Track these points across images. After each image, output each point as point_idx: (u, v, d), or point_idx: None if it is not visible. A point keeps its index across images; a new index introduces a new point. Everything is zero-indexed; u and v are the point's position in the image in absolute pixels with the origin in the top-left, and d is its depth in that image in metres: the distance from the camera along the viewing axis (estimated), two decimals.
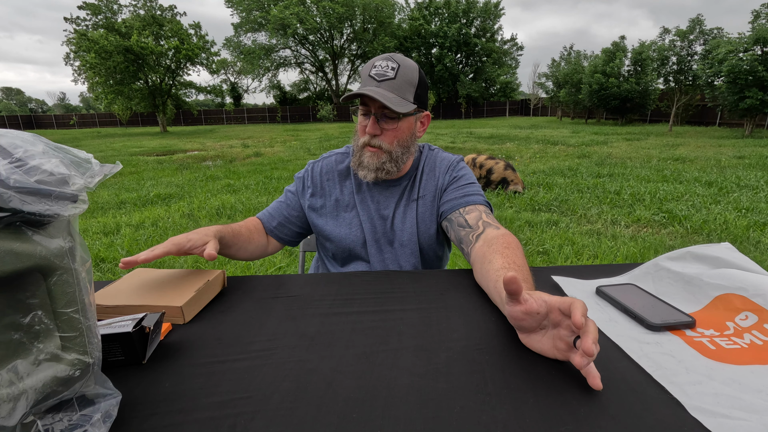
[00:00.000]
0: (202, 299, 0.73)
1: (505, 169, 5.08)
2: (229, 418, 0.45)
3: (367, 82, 0.93)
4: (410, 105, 0.93)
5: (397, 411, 0.46)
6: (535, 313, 0.53)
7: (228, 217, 4.30)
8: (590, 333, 0.47)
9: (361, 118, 0.98)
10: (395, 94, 0.91)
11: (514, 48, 38.95)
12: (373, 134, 0.95)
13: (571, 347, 0.51)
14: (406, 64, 0.94)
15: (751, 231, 3.44)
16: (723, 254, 0.72)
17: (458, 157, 1.10)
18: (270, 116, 38.28)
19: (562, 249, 3.13)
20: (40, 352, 0.37)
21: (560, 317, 0.52)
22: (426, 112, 1.01)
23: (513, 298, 0.55)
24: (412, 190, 1.05)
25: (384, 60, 0.94)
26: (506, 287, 0.53)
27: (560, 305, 0.51)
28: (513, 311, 0.55)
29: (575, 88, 22.14)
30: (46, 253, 0.36)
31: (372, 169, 0.97)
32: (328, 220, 1.05)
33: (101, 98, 24.38)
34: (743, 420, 0.42)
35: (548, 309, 0.53)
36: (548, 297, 0.54)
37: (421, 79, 0.95)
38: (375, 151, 0.96)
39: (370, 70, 0.94)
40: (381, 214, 1.04)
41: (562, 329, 0.52)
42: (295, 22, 30.37)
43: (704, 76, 13.44)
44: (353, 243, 1.04)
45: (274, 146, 12.25)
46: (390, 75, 0.92)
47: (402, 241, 1.03)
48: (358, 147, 0.99)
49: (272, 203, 1.13)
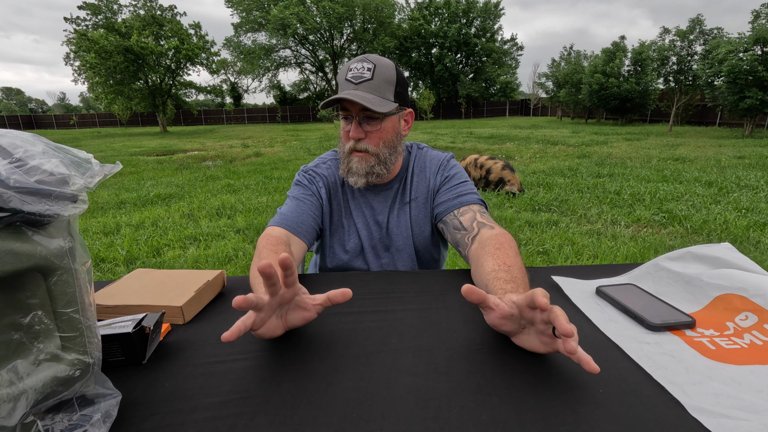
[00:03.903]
0: (202, 299, 0.73)
1: (502, 169, 5.08)
2: (229, 418, 0.45)
3: (345, 86, 0.91)
4: (391, 104, 0.92)
5: (397, 411, 0.46)
6: (509, 316, 0.55)
7: (228, 217, 4.30)
8: (559, 315, 0.47)
9: (343, 123, 0.96)
10: (375, 95, 0.89)
11: (514, 48, 38.96)
12: (357, 138, 0.93)
13: (554, 337, 0.51)
14: (382, 63, 0.92)
15: (751, 231, 3.44)
16: (723, 254, 0.72)
17: (448, 154, 1.08)
18: (270, 116, 38.29)
19: (562, 249, 3.13)
20: (40, 352, 0.37)
21: (531, 313, 0.52)
22: (408, 109, 1.00)
23: (482, 306, 0.56)
24: (404, 192, 1.04)
25: (359, 62, 0.91)
26: (467, 299, 0.54)
27: (525, 301, 0.52)
28: (490, 319, 0.57)
29: (575, 88, 22.12)
30: (46, 253, 0.36)
31: (362, 174, 0.95)
32: (328, 228, 1.05)
33: (101, 98, 24.39)
34: (743, 420, 0.42)
35: (519, 308, 0.53)
36: (515, 297, 0.55)
37: (399, 76, 0.93)
38: (362, 156, 0.94)
39: (346, 73, 0.91)
40: (376, 220, 1.04)
41: (538, 324, 0.52)
42: (295, 22, 30.36)
43: (704, 76, 13.43)
44: (352, 251, 1.03)
45: (274, 146, 12.25)
46: (367, 76, 0.90)
47: (398, 246, 1.03)
48: (345, 153, 0.97)
49: (289, 216, 0.95)
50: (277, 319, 0.57)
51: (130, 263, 3.09)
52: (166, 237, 3.65)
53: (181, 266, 3.01)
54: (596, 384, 0.49)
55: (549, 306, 0.48)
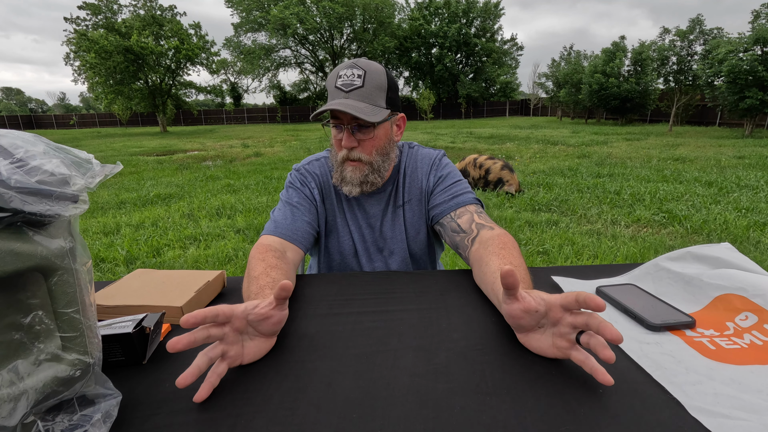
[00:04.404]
0: (202, 299, 0.73)
1: (501, 169, 5.09)
2: (229, 418, 0.45)
3: (335, 94, 0.88)
4: (383, 111, 0.89)
5: (397, 411, 0.46)
6: (533, 311, 0.53)
7: (228, 217, 4.30)
8: (605, 320, 0.47)
9: (335, 132, 0.93)
10: (366, 103, 0.87)
11: (514, 48, 38.97)
12: (350, 147, 0.90)
13: (573, 344, 0.51)
14: (373, 69, 0.88)
15: (751, 231, 3.44)
16: (723, 254, 0.72)
17: (439, 152, 1.06)
18: (270, 116, 38.27)
19: (562, 249, 3.13)
20: (40, 352, 0.37)
21: (561, 314, 0.51)
22: (401, 114, 0.97)
23: (510, 293, 0.54)
24: (396, 195, 1.03)
25: (348, 68, 0.88)
26: (503, 280, 0.52)
27: (562, 302, 0.51)
28: (511, 309, 0.55)
29: (575, 88, 22.13)
30: (47, 254, 0.36)
31: (356, 183, 0.93)
32: (323, 229, 1.05)
33: (101, 98, 24.39)
34: (743, 420, 0.42)
35: (547, 307, 0.52)
36: (546, 295, 0.54)
37: (390, 81, 0.91)
38: (356, 165, 0.92)
39: (335, 81, 0.88)
40: (369, 223, 1.03)
41: (562, 326, 0.51)
42: (295, 22, 30.36)
43: (704, 76, 13.43)
44: (345, 253, 1.03)
45: (274, 146, 12.25)
46: (357, 83, 0.86)
47: (392, 249, 1.03)
48: (338, 162, 0.94)
49: (283, 223, 0.93)
50: (251, 340, 0.56)
51: (130, 263, 3.09)
52: (166, 237, 3.65)
53: (181, 266, 3.01)
54: (596, 384, 0.49)
55: (604, 309, 0.47)
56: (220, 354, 0.51)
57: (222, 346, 0.52)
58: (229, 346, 0.53)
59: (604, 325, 0.46)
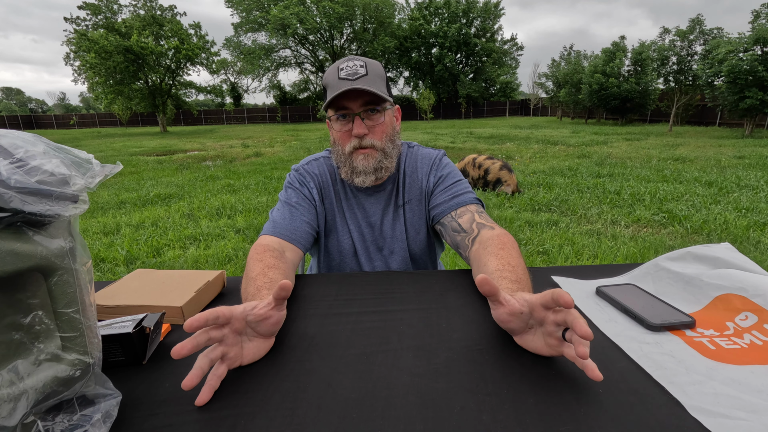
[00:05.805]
0: (202, 300, 0.73)
1: (500, 169, 5.09)
2: (229, 418, 0.45)
3: (341, 84, 0.88)
4: (388, 96, 0.93)
5: (397, 411, 0.46)
6: (518, 313, 0.54)
7: (228, 217, 4.30)
8: (579, 317, 0.47)
9: (340, 125, 0.93)
10: (374, 88, 0.89)
11: (514, 48, 38.98)
12: (361, 134, 0.91)
13: (562, 341, 0.51)
14: (371, 61, 0.93)
15: (751, 231, 3.43)
16: (723, 254, 0.72)
17: (439, 152, 1.06)
18: (270, 116, 38.29)
19: (562, 249, 3.13)
20: (40, 352, 0.37)
21: (544, 313, 0.52)
22: (396, 105, 1.01)
23: (491, 300, 0.55)
24: (397, 194, 1.03)
25: (348, 61, 0.91)
26: (480, 289, 0.53)
27: (541, 300, 0.51)
28: (498, 314, 0.56)
29: (575, 88, 22.13)
30: (47, 254, 0.36)
31: (369, 171, 0.93)
32: (323, 229, 1.05)
33: (101, 98, 24.40)
34: (743, 420, 0.42)
35: (530, 307, 0.53)
36: (528, 296, 0.54)
37: (385, 73, 0.96)
38: (368, 152, 0.93)
39: (337, 73, 0.90)
40: (369, 222, 1.03)
41: (548, 325, 0.52)
42: (295, 22, 30.36)
43: (704, 76, 13.43)
44: (344, 252, 1.03)
45: (274, 146, 12.25)
46: (362, 72, 0.89)
47: (392, 249, 1.03)
48: (346, 155, 0.94)
49: (282, 223, 0.93)
50: (250, 341, 0.56)
51: (130, 263, 3.09)
52: (166, 237, 3.65)
53: (181, 266, 3.01)
54: (596, 384, 0.49)
55: (572, 305, 0.47)
56: (220, 355, 0.51)
57: (222, 347, 0.52)
58: (228, 347, 0.53)
59: (577, 322, 0.46)
